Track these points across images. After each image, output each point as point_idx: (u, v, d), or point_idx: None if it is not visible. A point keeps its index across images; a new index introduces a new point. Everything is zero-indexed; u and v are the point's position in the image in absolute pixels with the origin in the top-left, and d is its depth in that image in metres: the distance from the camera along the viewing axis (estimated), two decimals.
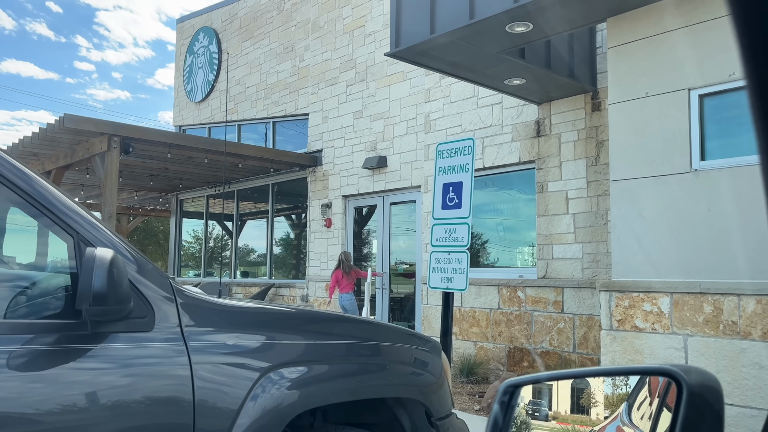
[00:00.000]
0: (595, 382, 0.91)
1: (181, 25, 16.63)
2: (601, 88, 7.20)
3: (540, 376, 0.83)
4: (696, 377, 0.68)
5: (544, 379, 0.85)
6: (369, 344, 2.53)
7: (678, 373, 0.67)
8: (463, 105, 8.77)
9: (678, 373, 0.67)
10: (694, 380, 0.68)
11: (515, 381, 0.83)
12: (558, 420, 0.91)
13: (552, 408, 0.92)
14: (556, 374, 0.85)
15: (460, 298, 8.41)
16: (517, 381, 0.83)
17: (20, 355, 1.65)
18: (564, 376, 0.89)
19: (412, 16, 6.12)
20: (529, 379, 0.82)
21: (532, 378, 0.84)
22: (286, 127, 13.03)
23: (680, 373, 0.67)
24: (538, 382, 0.86)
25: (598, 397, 0.90)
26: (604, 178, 7.03)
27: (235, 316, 2.16)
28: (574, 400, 0.93)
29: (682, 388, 0.67)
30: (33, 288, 1.98)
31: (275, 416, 2.04)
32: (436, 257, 5.71)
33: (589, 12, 5.44)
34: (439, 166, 5.84)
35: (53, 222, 1.81)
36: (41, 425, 1.62)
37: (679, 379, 0.67)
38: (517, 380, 0.83)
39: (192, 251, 16.64)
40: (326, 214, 11.16)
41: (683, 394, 0.66)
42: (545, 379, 0.85)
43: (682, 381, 0.66)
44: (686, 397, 0.66)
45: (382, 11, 10.31)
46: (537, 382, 0.86)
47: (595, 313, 6.95)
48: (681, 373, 0.67)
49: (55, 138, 9.69)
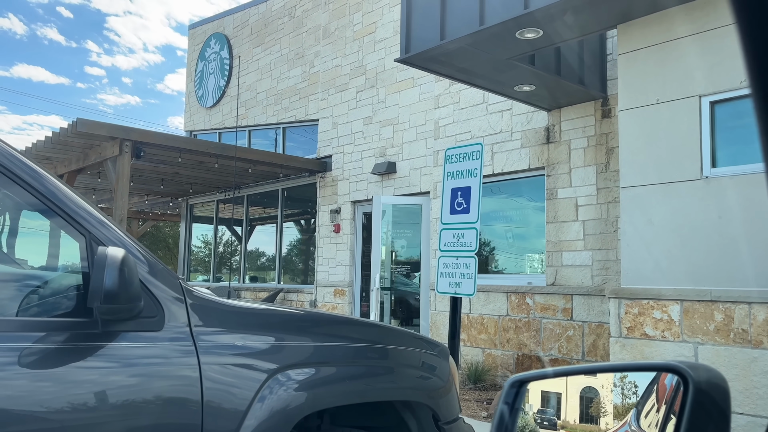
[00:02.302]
0: (603, 391, 0.90)
1: (193, 31, 16.76)
2: (612, 95, 7.18)
3: (547, 371, 0.84)
4: (703, 374, 0.68)
5: (551, 374, 0.85)
6: (377, 347, 2.54)
7: (685, 369, 0.67)
8: (473, 111, 8.77)
9: (685, 369, 0.67)
10: (701, 377, 0.68)
11: (522, 376, 0.83)
12: (567, 429, 0.91)
13: (561, 417, 0.92)
14: (562, 370, 0.85)
15: (468, 305, 8.38)
16: (523, 376, 0.83)
17: (32, 352, 1.67)
18: (571, 372, 0.89)
19: (422, 22, 6.14)
20: (536, 374, 0.82)
21: (539, 373, 0.84)
22: (296, 133, 13.08)
23: (687, 369, 0.67)
24: (545, 378, 0.86)
25: (607, 407, 0.90)
26: (614, 185, 7.00)
27: (243, 317, 2.17)
28: (584, 409, 0.92)
29: (688, 385, 0.66)
30: (45, 287, 2.00)
31: (282, 418, 2.05)
32: (444, 262, 5.70)
33: (599, 19, 5.44)
34: (447, 171, 5.84)
35: (66, 222, 1.83)
36: (51, 423, 1.64)
37: (686, 376, 0.67)
38: (523, 375, 0.83)
39: (201, 256, 16.71)
40: (335, 220, 11.18)
41: (690, 391, 0.66)
42: (552, 375, 0.85)
43: (689, 378, 0.66)
44: (692, 395, 0.65)
45: (393, 18, 10.35)
46: (544, 378, 0.86)
47: (605, 321, 6.90)
48: (688, 370, 0.66)
49: (67, 142, 9.79)
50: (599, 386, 0.94)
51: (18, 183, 1.78)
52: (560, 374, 0.87)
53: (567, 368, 0.81)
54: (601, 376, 0.91)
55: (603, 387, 0.93)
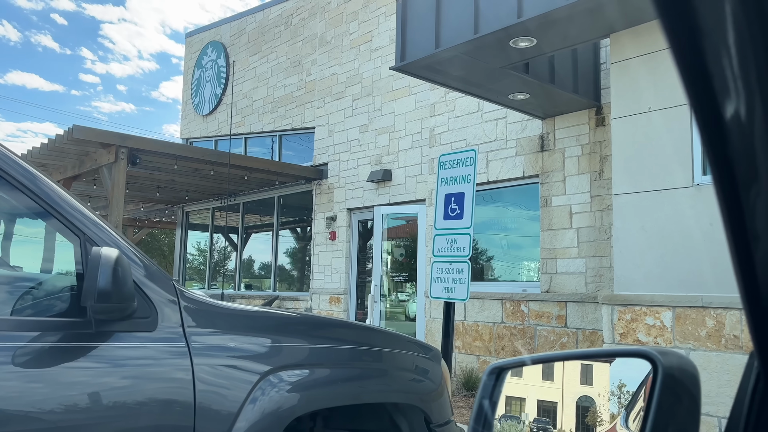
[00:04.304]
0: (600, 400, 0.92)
1: (190, 39, 16.83)
2: (605, 103, 7.24)
3: (524, 359, 0.86)
4: (673, 360, 0.70)
5: (529, 362, 0.87)
6: (370, 350, 2.55)
7: (655, 354, 0.69)
8: (468, 119, 8.83)
9: (655, 354, 0.69)
10: (671, 363, 0.70)
11: (501, 363, 0.85)
12: None
13: (557, 426, 0.93)
14: (539, 357, 0.87)
15: (463, 312, 8.40)
16: (502, 363, 0.85)
17: (25, 352, 1.68)
18: (547, 359, 0.91)
19: (417, 30, 6.20)
20: (514, 361, 0.84)
21: (517, 360, 0.86)
22: (293, 141, 13.12)
23: (657, 355, 0.69)
24: (523, 365, 0.88)
25: (603, 416, 0.92)
26: (607, 193, 7.05)
27: (237, 319, 2.19)
28: (580, 419, 0.94)
29: (657, 370, 0.68)
30: (40, 287, 2.01)
31: (274, 419, 2.06)
32: (438, 267, 5.73)
33: (591, 28, 5.50)
34: (441, 177, 5.88)
35: (61, 223, 1.85)
36: (44, 423, 1.65)
37: (656, 361, 0.69)
38: (502, 363, 0.85)
39: (196, 264, 16.68)
40: (331, 227, 11.19)
41: (659, 376, 0.68)
42: (530, 362, 0.87)
43: (658, 363, 0.68)
44: (661, 379, 0.67)
45: (389, 27, 10.43)
46: (522, 365, 0.88)
47: (598, 328, 6.93)
48: (658, 355, 0.69)
49: (63, 149, 9.79)
50: (596, 395, 0.96)
51: (13, 184, 1.80)
52: (537, 361, 0.89)
53: (543, 355, 0.83)
54: (597, 384, 0.93)
55: (600, 396, 0.95)
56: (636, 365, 0.79)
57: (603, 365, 0.93)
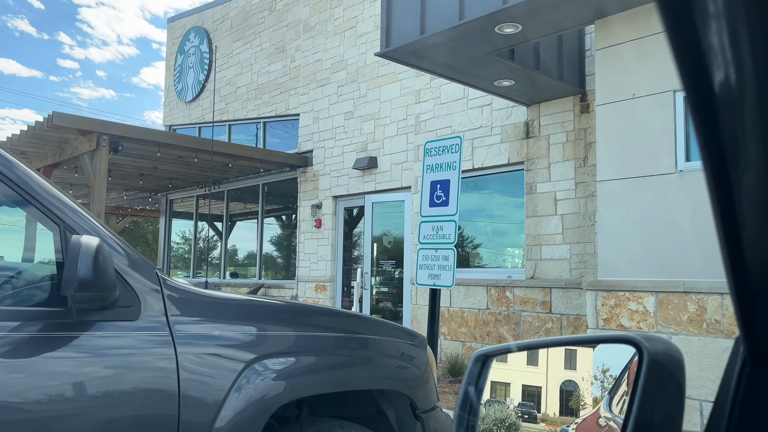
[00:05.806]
0: (584, 384, 0.93)
1: (172, 24, 16.59)
2: (590, 90, 7.26)
3: (510, 346, 0.86)
4: (658, 346, 0.70)
5: (514, 349, 0.87)
6: (355, 337, 2.55)
7: (640, 340, 0.69)
8: (453, 106, 8.81)
9: (640, 340, 0.69)
10: (656, 348, 0.70)
11: (486, 351, 0.85)
12: (547, 422, 0.93)
13: (541, 410, 0.94)
14: (525, 344, 0.87)
15: (449, 299, 8.44)
16: (488, 351, 0.85)
17: (5, 342, 1.65)
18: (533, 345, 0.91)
19: (402, 16, 6.15)
20: (500, 348, 0.84)
21: (503, 348, 0.86)
22: (277, 128, 13.02)
23: (642, 340, 0.69)
24: (509, 352, 0.88)
25: (587, 399, 0.93)
26: (592, 180, 7.09)
27: (221, 307, 2.17)
28: (563, 403, 0.95)
29: (643, 355, 0.68)
30: (20, 276, 1.98)
31: (260, 407, 2.05)
32: (424, 254, 5.74)
33: (576, 14, 5.49)
34: (426, 164, 5.88)
35: (39, 211, 1.82)
36: (25, 413, 1.63)
37: (641, 347, 0.69)
38: (488, 350, 0.85)
39: (181, 252, 16.57)
40: (316, 215, 11.16)
41: (644, 361, 0.68)
42: (516, 350, 0.87)
43: (644, 348, 0.68)
44: (647, 365, 0.67)
45: (374, 12, 10.35)
46: (508, 352, 0.88)
47: (582, 314, 7.00)
48: (643, 341, 0.69)
49: (43, 136, 9.64)
50: (579, 379, 0.96)
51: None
52: (523, 348, 0.89)
53: (529, 342, 0.84)
54: (581, 369, 0.93)
55: (583, 380, 0.96)
56: (619, 350, 0.79)
57: (587, 350, 0.94)
